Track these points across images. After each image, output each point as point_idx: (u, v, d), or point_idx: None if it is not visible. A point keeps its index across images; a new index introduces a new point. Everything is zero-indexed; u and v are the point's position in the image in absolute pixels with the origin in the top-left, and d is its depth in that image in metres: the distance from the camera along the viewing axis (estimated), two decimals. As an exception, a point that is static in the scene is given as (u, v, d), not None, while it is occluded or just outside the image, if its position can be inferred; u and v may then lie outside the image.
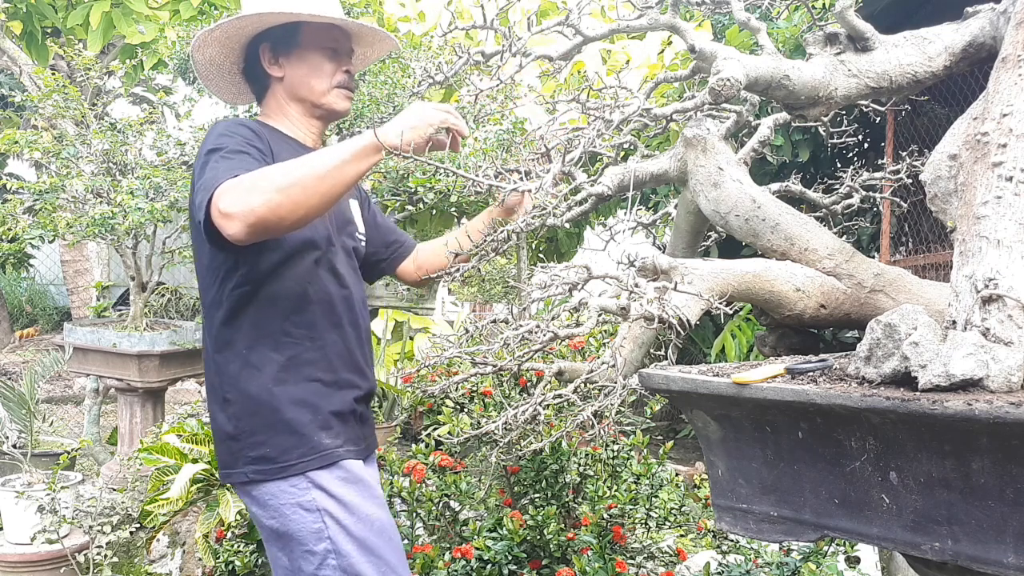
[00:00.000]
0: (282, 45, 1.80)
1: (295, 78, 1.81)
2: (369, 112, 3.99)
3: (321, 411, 1.74)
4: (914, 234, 4.48)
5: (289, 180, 1.46)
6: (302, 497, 1.69)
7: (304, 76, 1.81)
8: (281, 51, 1.81)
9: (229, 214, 1.43)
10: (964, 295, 1.09)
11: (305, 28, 1.80)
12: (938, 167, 1.29)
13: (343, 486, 1.72)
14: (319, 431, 1.72)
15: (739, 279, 1.51)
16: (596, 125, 1.63)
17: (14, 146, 4.45)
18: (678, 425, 6.57)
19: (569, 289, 1.46)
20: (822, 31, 1.50)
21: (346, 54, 1.86)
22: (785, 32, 4.74)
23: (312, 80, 1.81)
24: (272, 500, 1.71)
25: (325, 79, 1.82)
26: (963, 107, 1.36)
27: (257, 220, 1.43)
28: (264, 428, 1.70)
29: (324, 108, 1.84)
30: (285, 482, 1.70)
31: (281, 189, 1.44)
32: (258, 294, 1.72)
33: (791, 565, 2.78)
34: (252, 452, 1.71)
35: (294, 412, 1.70)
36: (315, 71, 1.81)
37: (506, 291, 5.97)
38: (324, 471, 1.71)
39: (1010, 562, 0.89)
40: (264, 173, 1.48)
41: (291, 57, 1.81)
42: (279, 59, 1.82)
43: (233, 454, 1.74)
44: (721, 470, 1.21)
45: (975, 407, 0.86)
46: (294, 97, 1.83)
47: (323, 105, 1.83)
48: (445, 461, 3.02)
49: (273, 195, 1.43)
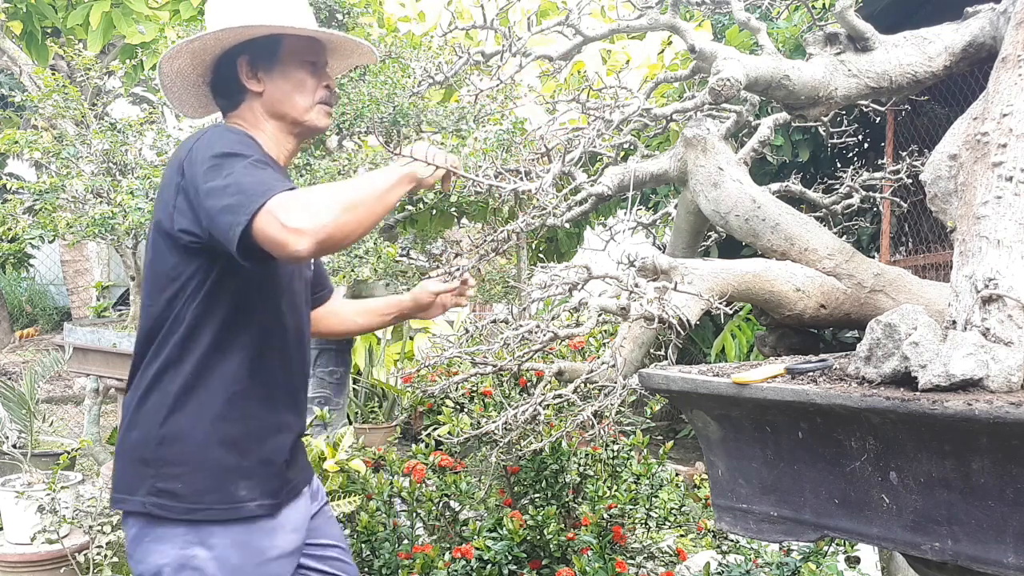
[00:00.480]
0: (262, 59, 1.71)
1: (277, 94, 1.71)
2: (369, 112, 3.99)
3: (250, 456, 1.61)
4: (914, 234, 4.48)
5: (353, 199, 1.44)
6: (185, 551, 1.55)
7: (287, 93, 1.71)
8: (261, 65, 1.71)
9: (300, 230, 1.37)
10: (964, 295, 1.09)
11: (286, 41, 1.71)
12: (938, 167, 1.29)
13: (234, 550, 1.58)
14: (239, 480, 1.59)
15: (739, 279, 1.51)
16: (596, 125, 1.64)
17: (14, 146, 4.45)
18: (678, 425, 6.57)
19: (569, 289, 1.47)
20: (822, 31, 1.50)
21: (323, 67, 1.78)
22: (785, 32, 4.74)
23: (295, 97, 1.72)
24: (153, 544, 1.57)
25: (308, 96, 1.73)
26: (963, 107, 1.36)
27: (327, 237, 1.39)
28: (184, 461, 1.57)
29: (305, 126, 1.75)
30: (180, 527, 1.56)
31: (348, 208, 1.42)
32: (222, 316, 1.60)
33: (791, 565, 2.78)
34: (161, 484, 1.56)
35: (221, 453, 1.58)
36: (298, 87, 1.72)
37: (506, 291, 5.97)
38: (222, 528, 1.57)
39: (1010, 562, 0.89)
40: (328, 190, 1.45)
41: (272, 72, 1.71)
42: (258, 73, 1.71)
43: (139, 479, 1.59)
44: (721, 470, 1.21)
45: (975, 407, 0.86)
46: (274, 113, 1.72)
47: (305, 123, 1.74)
48: (445, 461, 3.02)
49: (341, 214, 1.41)
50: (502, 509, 2.99)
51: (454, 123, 4.37)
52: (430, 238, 4.79)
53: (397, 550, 2.78)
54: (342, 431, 3.24)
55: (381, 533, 2.83)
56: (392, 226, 4.55)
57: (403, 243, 4.61)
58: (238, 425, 1.61)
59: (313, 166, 4.04)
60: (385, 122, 4.14)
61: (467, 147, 3.97)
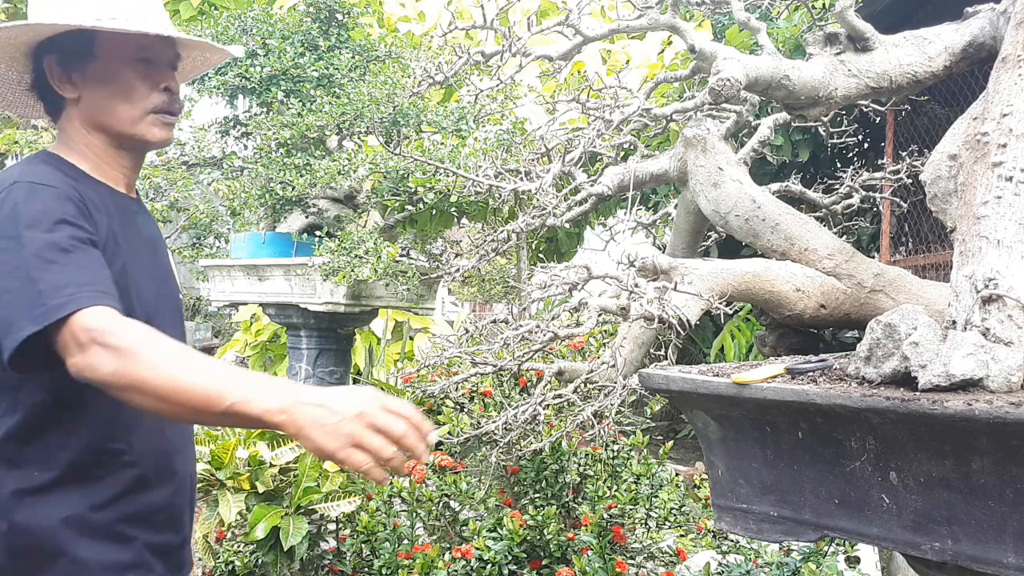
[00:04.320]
0: (73, 58, 1.37)
1: (93, 102, 1.38)
2: (369, 112, 3.99)
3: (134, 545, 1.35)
4: (914, 234, 4.48)
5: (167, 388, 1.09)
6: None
7: (105, 99, 1.38)
8: (73, 66, 1.37)
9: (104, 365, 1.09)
10: (964, 295, 1.09)
11: (102, 36, 1.37)
12: (938, 167, 1.29)
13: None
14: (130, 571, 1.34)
15: (739, 279, 1.51)
16: (596, 125, 1.64)
17: (14, 146, 4.45)
18: (678, 425, 6.57)
19: (569, 289, 1.47)
20: (822, 31, 1.50)
21: (166, 65, 1.43)
22: (785, 32, 4.74)
23: (118, 105, 1.38)
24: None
25: (136, 104, 1.38)
26: (963, 107, 1.36)
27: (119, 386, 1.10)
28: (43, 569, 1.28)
29: (134, 139, 1.42)
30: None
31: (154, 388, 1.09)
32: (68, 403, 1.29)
33: (791, 565, 2.78)
34: None
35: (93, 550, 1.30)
36: (122, 93, 1.38)
37: (506, 291, 5.97)
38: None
39: (1010, 562, 0.89)
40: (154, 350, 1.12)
41: (86, 74, 1.38)
42: (71, 76, 1.38)
43: None
44: (721, 470, 1.21)
45: (975, 407, 0.86)
46: (94, 125, 1.40)
47: (133, 136, 1.41)
48: (445, 461, 3.02)
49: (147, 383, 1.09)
50: (502, 509, 2.99)
51: (454, 123, 4.37)
52: (430, 238, 4.79)
53: (397, 550, 2.78)
54: (342, 431, 3.23)
55: (381, 533, 2.83)
56: (392, 226, 4.55)
57: (403, 243, 4.61)
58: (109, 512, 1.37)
59: (313, 166, 4.04)
60: (385, 122, 4.13)
61: (467, 147, 3.97)
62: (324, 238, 4.13)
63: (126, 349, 1.10)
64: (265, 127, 4.16)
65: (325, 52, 4.40)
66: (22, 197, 1.24)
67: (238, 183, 4.44)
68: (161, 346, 1.14)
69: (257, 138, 4.43)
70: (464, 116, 4.40)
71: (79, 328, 1.12)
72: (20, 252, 1.18)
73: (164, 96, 1.43)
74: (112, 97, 1.39)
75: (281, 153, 4.32)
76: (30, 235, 1.19)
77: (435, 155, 3.82)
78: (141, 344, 1.12)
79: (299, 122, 4.05)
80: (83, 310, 1.13)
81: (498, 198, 1.96)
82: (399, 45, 4.68)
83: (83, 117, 1.41)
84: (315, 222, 4.40)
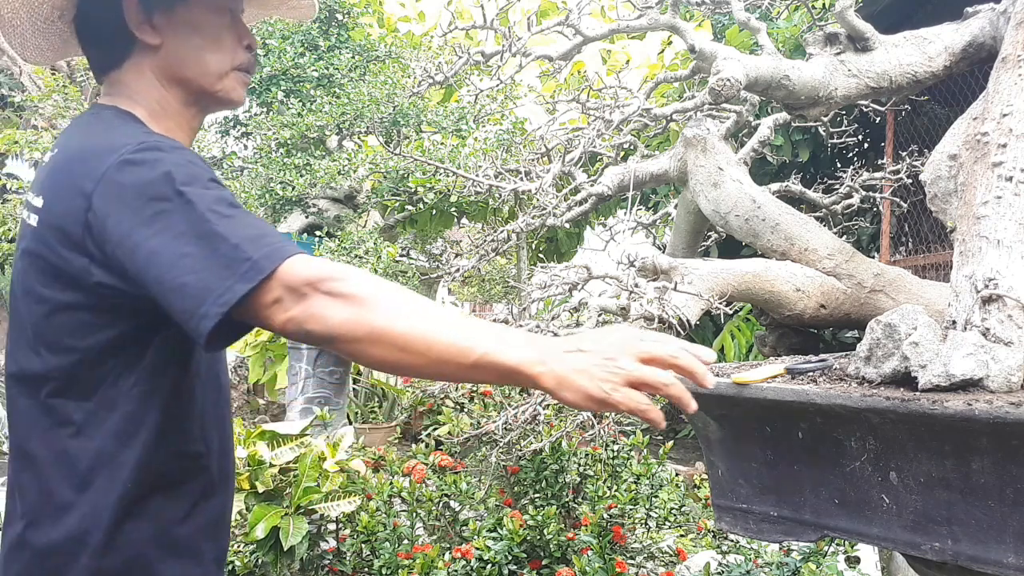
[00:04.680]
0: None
1: (181, 51, 1.21)
2: (369, 112, 3.99)
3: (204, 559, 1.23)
4: (914, 234, 4.48)
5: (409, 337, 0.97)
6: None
7: (194, 49, 1.22)
8: (157, 7, 1.20)
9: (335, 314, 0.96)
10: (964, 295, 1.09)
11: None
12: (938, 167, 1.29)
13: None
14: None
15: (739, 279, 1.51)
16: (596, 125, 1.64)
17: (14, 146, 4.45)
18: (678, 425, 6.57)
19: (569, 289, 1.47)
20: (822, 31, 1.50)
21: (241, 21, 1.30)
22: (785, 32, 4.74)
23: (206, 55, 1.23)
24: None
25: (225, 56, 1.24)
26: (963, 107, 1.36)
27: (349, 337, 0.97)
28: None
29: (215, 97, 1.27)
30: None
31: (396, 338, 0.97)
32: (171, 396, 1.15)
33: (791, 565, 2.78)
34: None
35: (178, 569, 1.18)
36: (211, 42, 1.23)
37: (506, 291, 5.97)
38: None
39: (1010, 562, 0.89)
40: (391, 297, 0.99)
41: (174, 18, 1.20)
42: (152, 18, 1.19)
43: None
44: (721, 470, 1.21)
45: (975, 407, 0.86)
46: (173, 78, 1.22)
47: (216, 93, 1.26)
48: (445, 461, 3.02)
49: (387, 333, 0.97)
50: (502, 509, 3.00)
51: (454, 123, 4.37)
52: (430, 238, 4.80)
53: (397, 550, 2.78)
54: (342, 431, 3.24)
55: (381, 533, 2.83)
56: (392, 226, 4.55)
57: (403, 243, 4.61)
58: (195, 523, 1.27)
59: (313, 166, 4.04)
60: (385, 122, 4.14)
61: (467, 147, 3.97)
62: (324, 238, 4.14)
63: (360, 296, 0.97)
64: (265, 127, 4.16)
65: (325, 52, 4.40)
66: (165, 155, 1.07)
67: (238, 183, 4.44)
68: (396, 292, 1.01)
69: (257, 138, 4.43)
70: (464, 116, 4.40)
71: (295, 278, 0.97)
72: (189, 211, 1.01)
73: (247, 55, 1.30)
74: (202, 47, 1.23)
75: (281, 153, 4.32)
76: (194, 192, 1.02)
77: (435, 155, 3.82)
78: (375, 290, 0.99)
79: (299, 122, 4.06)
80: (291, 259, 0.98)
81: (498, 198, 1.96)
82: (399, 45, 4.68)
83: (161, 68, 1.22)
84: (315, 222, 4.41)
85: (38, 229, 1.09)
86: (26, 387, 1.12)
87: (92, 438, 1.11)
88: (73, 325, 1.08)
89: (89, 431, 1.11)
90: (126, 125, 1.16)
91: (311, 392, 5.39)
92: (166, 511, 1.16)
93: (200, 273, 0.98)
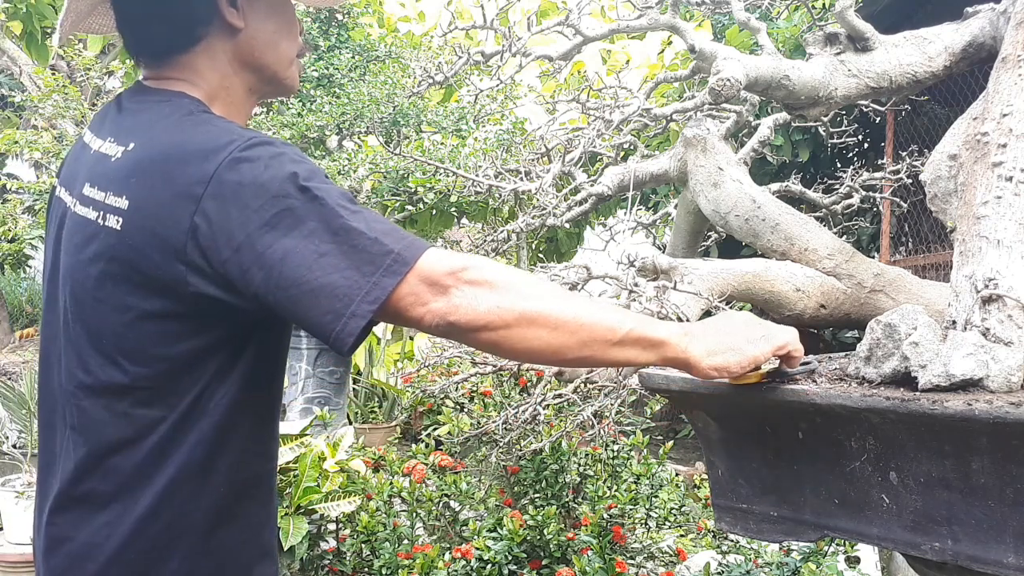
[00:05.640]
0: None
1: (260, 35, 1.17)
2: (369, 112, 3.99)
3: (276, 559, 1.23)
4: (914, 234, 4.48)
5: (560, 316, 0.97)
6: None
7: (272, 33, 1.18)
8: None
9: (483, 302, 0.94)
10: (964, 295, 1.09)
11: None
12: (938, 167, 1.29)
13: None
14: None
15: (739, 279, 1.51)
16: (596, 125, 1.64)
17: (14, 146, 4.46)
18: (678, 425, 6.57)
19: (569, 289, 1.47)
20: (822, 31, 1.50)
21: None
22: (785, 32, 4.74)
23: (281, 41, 1.19)
24: None
25: (294, 43, 1.23)
26: (963, 107, 1.36)
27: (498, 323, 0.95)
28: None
29: (283, 84, 1.23)
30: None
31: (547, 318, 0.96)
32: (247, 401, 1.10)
33: (791, 565, 2.78)
34: None
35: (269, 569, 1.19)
36: (286, 28, 1.20)
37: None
38: None
39: (1010, 562, 0.89)
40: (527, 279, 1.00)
41: (257, 1, 1.17)
42: (239, 1, 1.14)
43: None
44: (721, 470, 1.21)
45: (975, 407, 0.86)
46: (248, 63, 1.17)
47: (284, 80, 1.23)
48: (445, 461, 3.02)
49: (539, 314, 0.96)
50: (502, 509, 3.00)
51: (454, 123, 4.37)
52: (430, 238, 4.80)
53: (397, 550, 2.78)
54: (342, 431, 3.24)
55: (381, 533, 2.83)
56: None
57: (403, 243, 4.61)
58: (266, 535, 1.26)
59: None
60: (385, 122, 4.14)
61: (467, 147, 3.97)
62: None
63: (503, 282, 0.96)
64: (265, 127, 4.16)
65: (325, 52, 4.40)
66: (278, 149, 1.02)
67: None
68: (530, 277, 1.02)
69: (257, 138, 4.43)
70: (464, 116, 4.40)
71: (435, 271, 0.94)
72: (318, 207, 0.95)
73: (301, 43, 1.28)
74: (278, 32, 1.19)
75: (281, 153, 4.32)
76: (319, 187, 0.97)
77: (435, 155, 3.82)
78: (513, 276, 0.98)
79: (299, 122, 4.06)
80: (430, 250, 0.96)
81: (498, 198, 1.96)
82: (399, 45, 4.69)
83: (239, 52, 1.16)
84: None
85: (123, 232, 1.00)
86: (104, 398, 1.05)
87: (181, 445, 1.06)
88: (160, 334, 1.02)
89: (179, 439, 1.06)
90: (218, 118, 1.09)
91: (311, 392, 5.40)
92: (254, 516, 1.14)
93: (345, 271, 0.93)
